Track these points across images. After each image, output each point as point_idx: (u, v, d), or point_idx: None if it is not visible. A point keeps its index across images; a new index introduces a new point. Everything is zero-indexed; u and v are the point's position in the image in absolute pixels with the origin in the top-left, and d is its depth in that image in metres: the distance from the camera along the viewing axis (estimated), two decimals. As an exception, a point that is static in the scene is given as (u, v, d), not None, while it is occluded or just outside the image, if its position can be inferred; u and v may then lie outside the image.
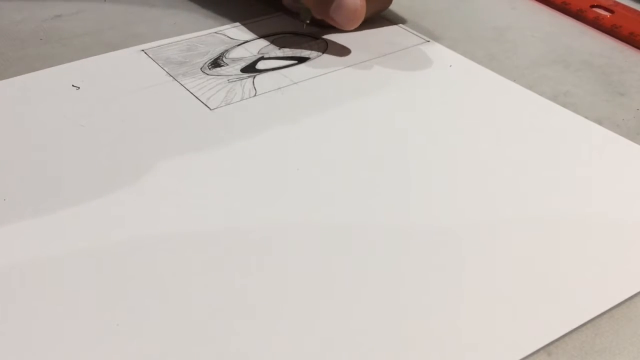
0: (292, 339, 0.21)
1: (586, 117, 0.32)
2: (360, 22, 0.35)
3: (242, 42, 0.37)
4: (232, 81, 0.34)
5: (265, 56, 0.36)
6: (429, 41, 0.38)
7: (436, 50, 0.37)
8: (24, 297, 0.22)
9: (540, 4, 0.43)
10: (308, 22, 0.37)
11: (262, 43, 0.37)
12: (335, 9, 0.34)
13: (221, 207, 0.26)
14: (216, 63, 0.35)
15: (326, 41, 0.37)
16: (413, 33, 0.38)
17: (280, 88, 0.33)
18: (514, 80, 0.34)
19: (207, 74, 0.34)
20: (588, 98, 0.33)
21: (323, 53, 0.36)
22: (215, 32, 0.38)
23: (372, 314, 0.22)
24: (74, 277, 0.23)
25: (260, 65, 0.35)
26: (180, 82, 0.33)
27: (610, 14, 0.40)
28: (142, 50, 0.36)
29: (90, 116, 0.31)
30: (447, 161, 0.29)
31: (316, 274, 0.23)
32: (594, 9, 0.40)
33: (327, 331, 0.21)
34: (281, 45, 0.37)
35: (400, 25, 0.39)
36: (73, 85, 0.33)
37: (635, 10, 0.40)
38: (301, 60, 0.36)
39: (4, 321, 0.21)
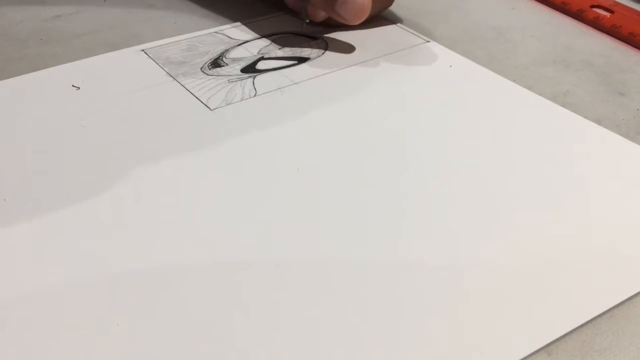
0: (292, 339, 0.21)
1: (586, 117, 0.32)
2: (366, 16, 0.35)
3: (242, 42, 0.37)
4: (232, 81, 0.34)
5: (266, 56, 0.36)
6: (429, 41, 0.38)
7: (436, 50, 0.37)
8: (23, 297, 0.22)
9: (540, 4, 0.43)
10: (307, 21, 0.37)
11: (262, 43, 0.37)
12: (342, 4, 0.34)
13: (221, 207, 0.26)
14: (216, 63, 0.35)
15: (326, 41, 0.37)
16: (413, 33, 0.38)
17: (280, 88, 0.33)
18: (514, 80, 0.34)
19: (207, 74, 0.34)
20: (588, 98, 0.33)
21: (323, 53, 0.36)
22: (215, 32, 0.38)
23: (372, 314, 0.22)
24: (74, 277, 0.23)
25: (261, 65, 0.35)
26: (180, 82, 0.33)
27: (610, 14, 0.40)
28: (142, 50, 0.36)
29: (90, 116, 0.31)
30: (447, 161, 0.29)
31: (316, 274, 0.23)
32: (594, 9, 0.40)
33: (328, 332, 0.21)
34: (281, 45, 0.37)
35: (400, 25, 0.39)
36: (73, 85, 0.33)
37: (635, 10, 0.40)
38: (301, 60, 0.36)
39: (4, 321, 0.22)
